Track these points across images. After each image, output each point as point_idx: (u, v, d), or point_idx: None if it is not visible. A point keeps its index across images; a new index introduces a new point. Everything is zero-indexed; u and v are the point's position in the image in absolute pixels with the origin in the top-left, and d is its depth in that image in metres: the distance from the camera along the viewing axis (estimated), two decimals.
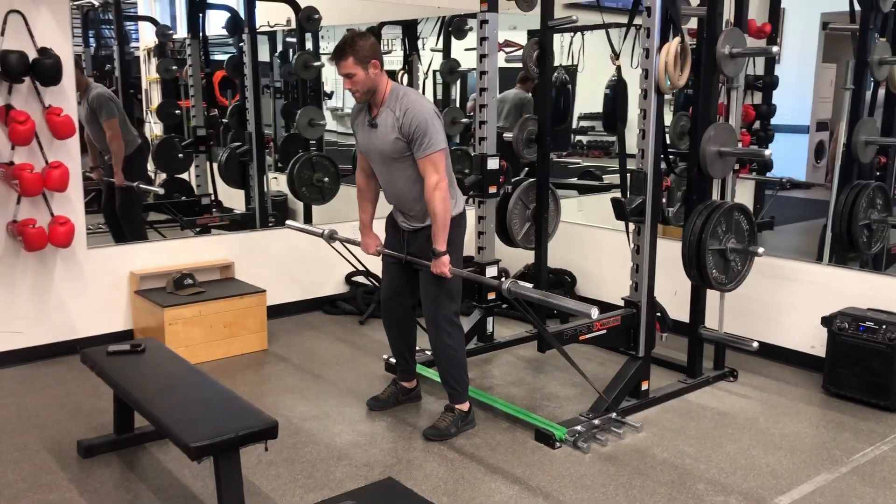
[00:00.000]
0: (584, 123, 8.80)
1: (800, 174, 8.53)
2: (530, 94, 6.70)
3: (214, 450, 2.56)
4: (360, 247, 3.77)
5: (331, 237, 3.94)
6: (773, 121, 6.30)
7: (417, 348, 3.90)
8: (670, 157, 4.15)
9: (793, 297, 4.44)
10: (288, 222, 4.40)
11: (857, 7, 4.47)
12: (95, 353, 3.35)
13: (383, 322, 3.85)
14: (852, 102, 4.46)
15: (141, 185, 5.55)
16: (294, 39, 6.75)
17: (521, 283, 3.21)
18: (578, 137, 8.90)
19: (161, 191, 5.90)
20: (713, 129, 3.86)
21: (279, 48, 7.57)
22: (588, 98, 7.49)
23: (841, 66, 4.56)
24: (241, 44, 6.05)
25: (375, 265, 3.96)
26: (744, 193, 6.11)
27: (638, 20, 3.70)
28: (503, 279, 3.26)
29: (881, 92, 4.76)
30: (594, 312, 2.95)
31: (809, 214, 7.10)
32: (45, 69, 4.03)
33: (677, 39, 3.54)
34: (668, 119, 5.49)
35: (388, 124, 3.34)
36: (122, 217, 5.59)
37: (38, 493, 3.05)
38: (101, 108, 5.27)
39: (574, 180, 7.79)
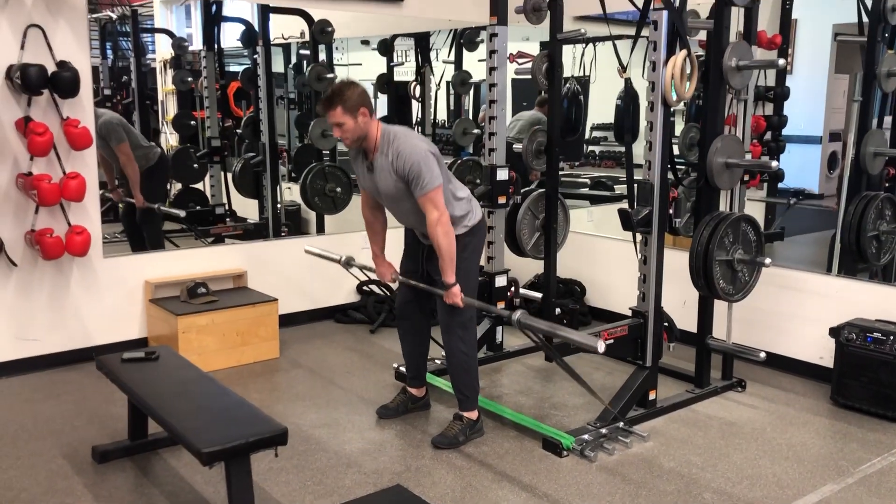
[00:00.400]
0: (596, 134, 8.82)
1: (813, 184, 8.51)
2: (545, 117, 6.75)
3: (225, 455, 2.61)
4: (377, 275, 3.84)
5: (348, 263, 4.03)
6: (786, 131, 6.30)
7: (429, 357, 3.94)
8: (678, 168, 4.18)
9: (801, 308, 4.45)
10: (307, 248, 4.43)
11: (865, 19, 4.48)
12: (110, 361, 3.42)
13: (398, 328, 3.90)
14: (861, 114, 4.47)
15: (162, 208, 5.63)
16: (308, 51, 6.83)
17: (530, 316, 3.30)
18: (591, 148, 8.92)
19: (183, 214, 5.94)
20: (720, 140, 3.89)
21: (293, 60, 7.65)
22: (601, 108, 7.53)
23: (852, 77, 4.57)
24: (255, 56, 6.14)
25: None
26: (754, 204, 6.13)
27: (645, 32, 3.74)
28: (514, 311, 3.31)
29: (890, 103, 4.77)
30: (601, 346, 3.00)
31: (821, 225, 7.08)
32: (63, 82, 4.11)
33: (683, 52, 3.57)
34: (679, 130, 5.54)
35: (385, 169, 3.40)
36: (141, 223, 5.67)
37: (53, 497, 3.11)
38: (111, 134, 5.37)
39: (585, 190, 7.82)
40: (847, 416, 3.96)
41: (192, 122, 7.15)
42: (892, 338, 3.84)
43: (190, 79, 7.15)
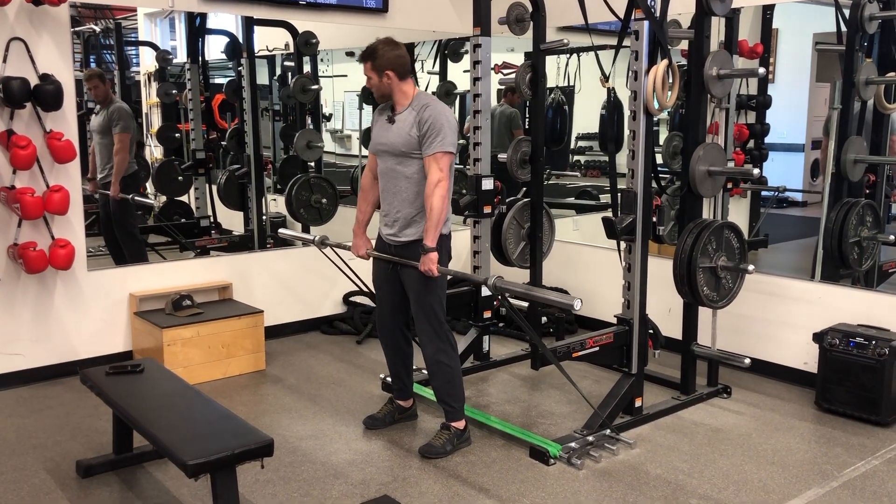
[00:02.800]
0: (581, 143, 8.87)
1: (796, 192, 8.59)
2: (516, 109, 6.79)
3: (211, 467, 2.60)
4: (351, 249, 3.83)
5: (322, 243, 4.02)
6: (769, 139, 6.36)
7: (414, 367, 3.95)
8: (662, 176, 4.21)
9: (785, 314, 4.49)
10: (281, 230, 4.46)
11: (843, 28, 4.54)
12: (95, 374, 3.40)
13: (380, 341, 3.90)
14: (840, 121, 4.52)
15: (136, 198, 5.66)
16: (292, 63, 6.84)
17: (505, 280, 3.32)
18: (577, 157, 8.97)
19: (156, 203, 5.98)
20: (702, 149, 3.92)
21: (278, 72, 7.66)
22: (586, 118, 7.57)
23: (833, 85, 4.62)
24: (239, 68, 6.15)
25: (366, 273, 4.00)
26: (738, 211, 6.17)
27: (627, 42, 3.77)
28: (489, 276, 3.34)
29: (869, 111, 4.82)
30: (577, 304, 3.02)
31: (804, 232, 7.14)
32: (46, 95, 4.11)
33: (665, 62, 3.61)
34: (663, 139, 5.58)
35: (408, 121, 3.49)
36: (119, 233, 5.67)
37: None
38: (119, 119, 5.46)
39: (571, 199, 7.85)
40: (831, 420, 3.99)
41: (177, 135, 7.14)
42: (874, 342, 3.88)
43: (174, 91, 7.14)
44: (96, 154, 5.66)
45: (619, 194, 3.83)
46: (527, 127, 5.70)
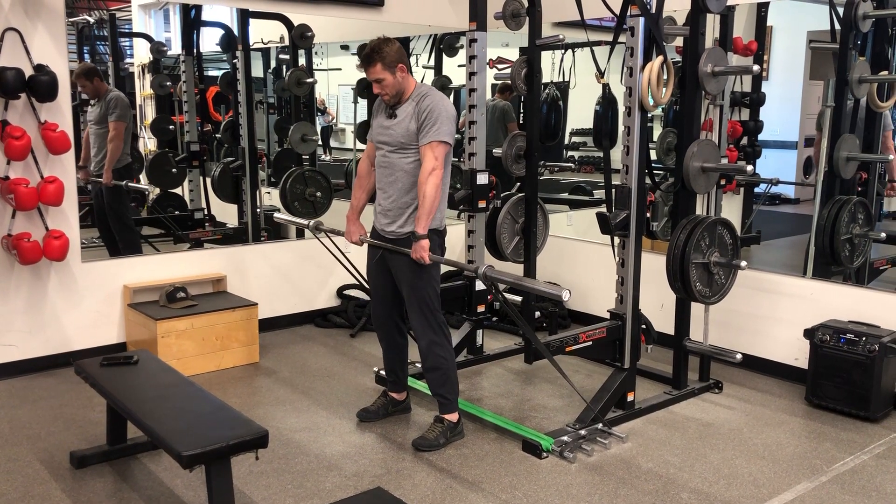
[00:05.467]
0: (576, 139, 8.90)
1: (789, 189, 8.64)
2: (509, 103, 6.80)
3: (206, 458, 2.61)
4: (344, 235, 3.84)
5: (317, 227, 4.03)
6: (762, 137, 6.39)
7: (409, 361, 3.96)
8: (656, 172, 4.23)
9: (776, 310, 4.52)
10: (276, 215, 4.46)
11: (837, 26, 4.56)
12: (89, 365, 3.40)
13: (377, 334, 3.91)
14: (833, 119, 4.55)
15: (129, 184, 5.66)
16: (287, 56, 6.84)
17: (495, 269, 3.33)
18: (571, 153, 8.99)
19: (149, 189, 5.98)
20: (696, 145, 3.94)
21: (272, 65, 7.65)
22: (580, 114, 7.59)
23: (826, 83, 4.65)
24: (234, 60, 6.14)
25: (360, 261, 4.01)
26: (731, 208, 6.20)
27: (623, 38, 3.79)
28: (480, 266, 3.35)
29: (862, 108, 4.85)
30: (566, 294, 3.02)
31: (797, 229, 7.18)
32: (41, 86, 4.09)
33: (660, 58, 3.62)
34: (657, 135, 5.60)
35: (408, 112, 3.49)
36: (113, 224, 5.67)
37: (30, 502, 3.08)
38: (116, 108, 5.48)
39: (565, 195, 7.88)
40: (821, 416, 4.02)
41: (171, 127, 7.13)
42: (864, 339, 3.91)
43: (168, 83, 7.13)
44: (91, 143, 5.65)
45: (613, 190, 3.84)
46: (521, 122, 5.71)
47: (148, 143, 7.58)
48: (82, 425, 3.82)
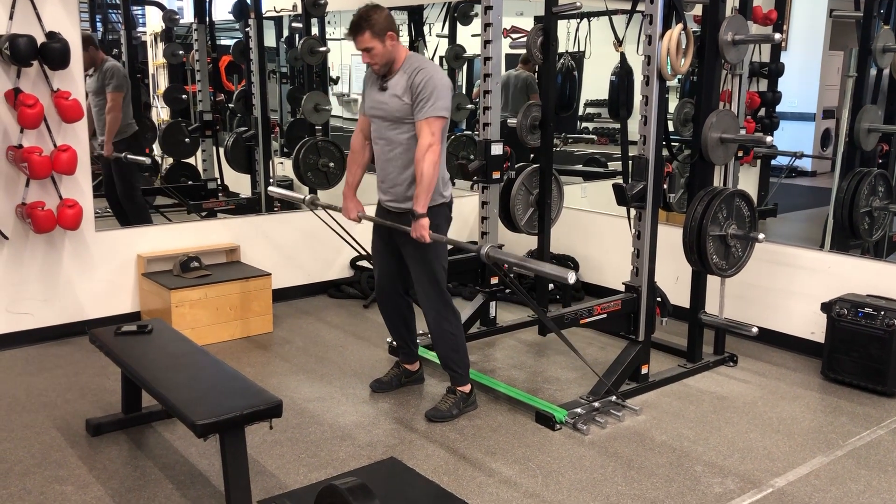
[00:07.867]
0: (590, 110, 8.81)
1: (806, 161, 8.55)
2: (532, 74, 6.71)
3: (220, 427, 2.62)
4: (342, 212, 3.80)
5: (312, 203, 3.99)
6: (780, 108, 6.30)
7: (419, 332, 3.94)
8: (673, 143, 4.17)
9: (793, 284, 4.47)
10: (270, 188, 4.42)
11: None
12: (104, 334, 3.41)
13: (379, 307, 3.88)
14: (855, 90, 4.47)
15: (129, 156, 5.62)
16: (300, 25, 6.78)
17: (498, 249, 3.27)
18: (585, 124, 8.91)
19: (148, 161, 5.97)
20: (715, 115, 3.88)
21: (285, 33, 7.61)
22: (595, 84, 7.50)
23: (847, 53, 4.57)
24: (247, 29, 6.09)
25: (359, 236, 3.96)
26: (748, 180, 6.14)
27: (641, 6, 3.72)
28: (483, 245, 3.28)
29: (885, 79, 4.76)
30: (571, 277, 2.96)
31: (814, 202, 7.11)
32: (53, 53, 4.07)
33: (679, 26, 3.56)
34: (674, 106, 5.52)
35: (400, 85, 3.38)
36: (121, 195, 5.66)
37: (47, 469, 3.11)
38: (112, 78, 5.41)
39: (579, 167, 7.82)
40: (837, 390, 4.00)
41: (184, 96, 7.11)
42: (882, 313, 3.86)
43: (181, 52, 7.09)
44: (94, 116, 5.59)
45: (630, 161, 3.79)
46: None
47: (161, 113, 7.57)
48: (97, 393, 3.84)
